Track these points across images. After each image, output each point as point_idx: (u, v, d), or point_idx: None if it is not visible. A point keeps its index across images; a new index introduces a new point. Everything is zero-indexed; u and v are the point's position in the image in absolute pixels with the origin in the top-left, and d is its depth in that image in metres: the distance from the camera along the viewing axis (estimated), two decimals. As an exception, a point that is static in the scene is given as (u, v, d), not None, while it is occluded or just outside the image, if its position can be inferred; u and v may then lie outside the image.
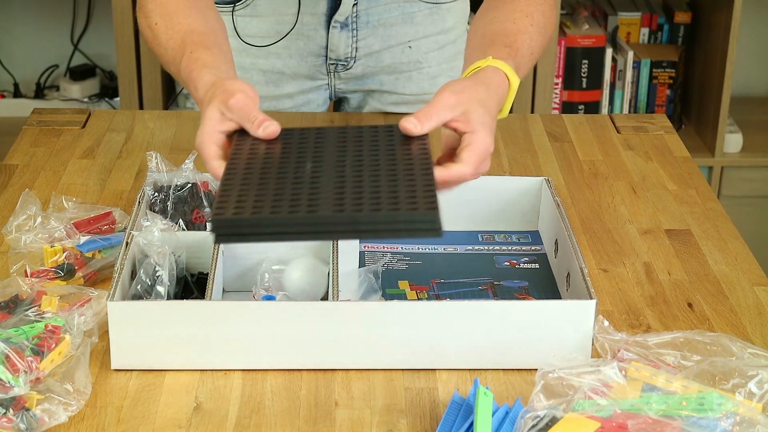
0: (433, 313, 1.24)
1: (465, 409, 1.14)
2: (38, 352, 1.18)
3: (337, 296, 1.27)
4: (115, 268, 1.28)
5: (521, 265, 1.46)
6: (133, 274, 1.31)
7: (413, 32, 1.82)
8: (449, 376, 1.25)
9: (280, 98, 1.87)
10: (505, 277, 1.43)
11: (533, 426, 1.07)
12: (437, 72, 1.87)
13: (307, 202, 1.13)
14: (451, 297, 1.38)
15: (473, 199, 1.52)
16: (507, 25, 1.46)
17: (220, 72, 1.37)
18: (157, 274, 1.29)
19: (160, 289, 1.29)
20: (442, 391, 1.23)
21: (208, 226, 1.41)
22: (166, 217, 1.40)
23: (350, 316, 1.23)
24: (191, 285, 1.35)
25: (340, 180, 1.17)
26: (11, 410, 1.12)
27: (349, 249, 1.38)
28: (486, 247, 1.49)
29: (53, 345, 1.20)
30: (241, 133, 1.29)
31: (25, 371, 1.15)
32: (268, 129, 1.28)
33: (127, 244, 1.32)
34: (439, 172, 1.24)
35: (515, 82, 1.37)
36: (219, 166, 1.26)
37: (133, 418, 1.18)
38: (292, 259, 1.36)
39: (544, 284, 1.42)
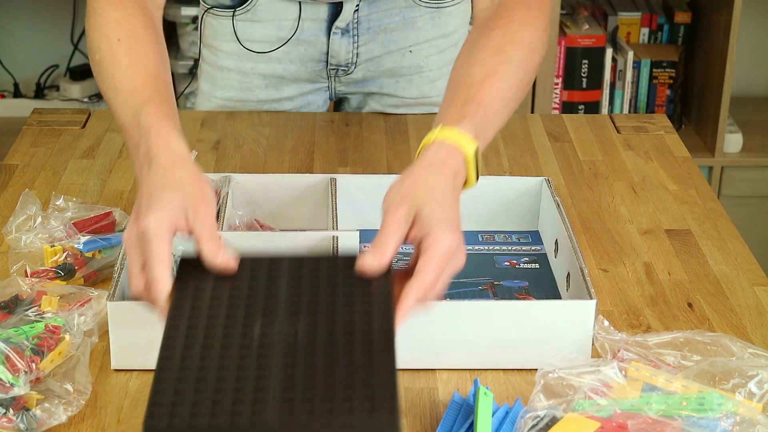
0: (433, 313, 1.24)
1: (465, 409, 1.14)
2: (38, 352, 1.18)
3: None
4: (115, 268, 1.28)
5: (521, 265, 1.46)
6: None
7: (414, 37, 1.82)
8: (449, 376, 1.25)
9: (281, 101, 1.87)
10: (505, 277, 1.43)
11: (533, 426, 1.07)
12: (438, 75, 1.86)
13: (252, 397, 0.99)
14: (451, 297, 1.38)
15: (473, 199, 1.52)
16: (473, 70, 1.29)
17: (184, 144, 1.19)
18: None
19: None
20: (442, 391, 1.23)
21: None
22: (166, 217, 1.39)
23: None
24: (191, 285, 1.34)
25: (291, 360, 1.03)
26: (11, 410, 1.12)
27: (349, 249, 1.38)
28: (486, 247, 1.49)
29: (53, 345, 1.20)
30: (180, 287, 1.10)
31: (25, 371, 1.15)
32: (228, 265, 1.11)
33: (127, 244, 1.31)
34: (404, 293, 1.09)
35: (469, 149, 1.20)
36: (165, 277, 1.08)
37: (133, 418, 1.18)
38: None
39: (544, 284, 1.42)
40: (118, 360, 1.24)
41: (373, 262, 1.12)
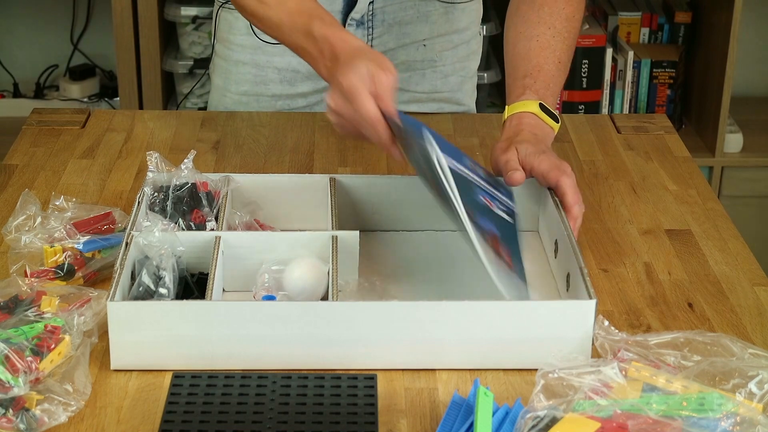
0: (433, 313, 1.24)
1: (465, 410, 1.14)
2: (38, 353, 1.18)
3: (337, 296, 1.27)
4: (115, 269, 1.28)
5: (496, 209, 1.42)
6: (133, 274, 1.31)
7: (428, 31, 1.84)
8: (449, 376, 1.25)
9: (294, 97, 1.87)
10: (480, 213, 1.38)
11: (533, 426, 1.07)
12: (450, 71, 1.88)
13: None
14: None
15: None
16: (531, 44, 1.58)
17: (359, 40, 1.45)
18: (161, 275, 1.29)
19: (163, 291, 1.29)
20: (442, 391, 1.23)
21: (208, 225, 1.41)
22: (165, 217, 1.40)
23: (350, 315, 1.23)
24: (191, 285, 1.35)
25: None
26: (11, 410, 1.12)
27: (349, 249, 1.38)
28: (470, 174, 1.42)
29: (53, 345, 1.20)
30: (172, 402, 1.17)
31: (25, 371, 1.15)
32: (384, 139, 1.35)
33: (126, 244, 1.32)
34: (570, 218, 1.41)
35: (532, 107, 1.53)
36: (376, 112, 1.35)
37: (133, 418, 1.18)
38: (291, 259, 1.36)
39: (510, 242, 1.38)
40: (118, 360, 1.24)
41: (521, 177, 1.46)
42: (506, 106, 1.56)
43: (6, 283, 1.30)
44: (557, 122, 1.56)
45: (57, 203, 1.46)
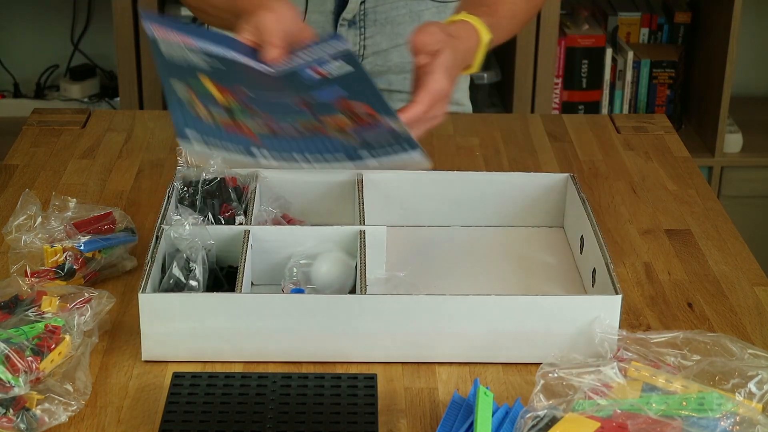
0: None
1: (465, 409, 1.14)
2: (38, 352, 1.18)
3: (365, 290, 1.28)
4: (146, 261, 1.28)
5: (328, 70, 1.36)
6: (163, 267, 1.31)
7: None
8: (449, 376, 1.25)
9: None
10: (316, 88, 1.36)
11: (533, 426, 1.07)
12: None
13: None
14: (268, 111, 1.39)
15: (498, 195, 1.52)
16: None
17: None
18: (191, 268, 1.30)
19: (193, 283, 1.29)
20: (442, 391, 1.23)
21: (237, 220, 1.41)
22: (195, 211, 1.40)
23: (378, 309, 1.24)
24: (221, 278, 1.35)
25: None
26: (11, 410, 1.12)
27: (377, 243, 1.38)
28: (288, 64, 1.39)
29: (53, 345, 1.20)
30: (172, 401, 1.17)
31: (25, 371, 1.15)
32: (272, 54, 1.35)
33: (157, 237, 1.32)
34: (403, 117, 1.36)
35: (485, 36, 1.48)
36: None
37: (133, 417, 1.18)
38: (319, 253, 1.36)
39: (363, 89, 1.35)
40: (149, 351, 1.25)
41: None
42: (462, 13, 1.50)
43: (6, 283, 1.30)
44: (478, 69, 1.51)
45: (57, 203, 1.46)
